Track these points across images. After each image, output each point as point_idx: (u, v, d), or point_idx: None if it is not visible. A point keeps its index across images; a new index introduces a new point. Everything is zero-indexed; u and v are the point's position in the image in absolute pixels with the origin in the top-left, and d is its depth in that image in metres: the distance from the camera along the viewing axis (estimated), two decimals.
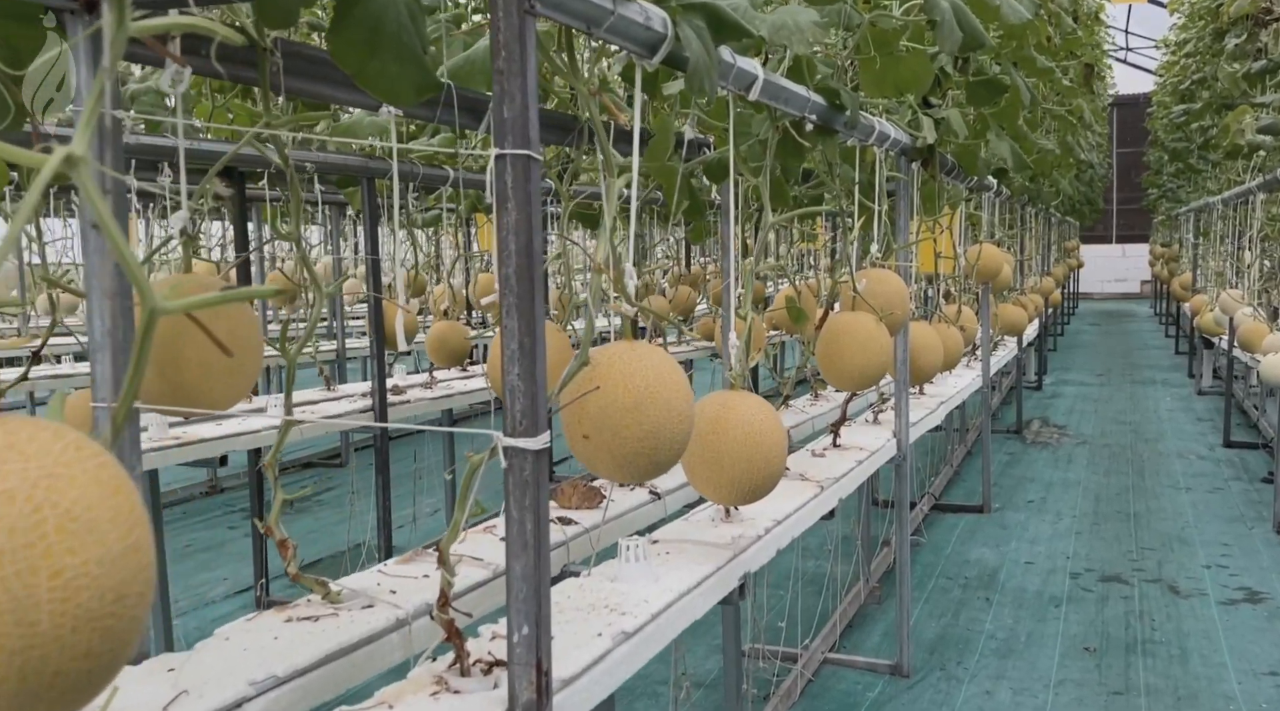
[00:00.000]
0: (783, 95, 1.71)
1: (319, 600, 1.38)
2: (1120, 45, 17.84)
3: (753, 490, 1.60)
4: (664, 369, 1.23)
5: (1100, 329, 14.51)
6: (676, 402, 1.22)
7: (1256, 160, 5.77)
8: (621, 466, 1.22)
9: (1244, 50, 6.38)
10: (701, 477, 1.61)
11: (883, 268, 2.56)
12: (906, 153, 2.80)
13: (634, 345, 1.23)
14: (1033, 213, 7.29)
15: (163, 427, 2.74)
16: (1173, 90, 9.71)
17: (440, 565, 1.13)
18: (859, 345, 2.33)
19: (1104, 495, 5.22)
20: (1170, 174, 11.54)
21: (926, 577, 3.97)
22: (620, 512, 2.00)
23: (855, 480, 2.50)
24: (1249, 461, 5.95)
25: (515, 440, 1.02)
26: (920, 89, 2.29)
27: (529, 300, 1.02)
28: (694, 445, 1.60)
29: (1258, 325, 5.24)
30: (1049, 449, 6.38)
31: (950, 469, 5.59)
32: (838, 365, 2.35)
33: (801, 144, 2.02)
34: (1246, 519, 4.74)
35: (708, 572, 1.60)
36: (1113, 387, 8.91)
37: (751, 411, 1.59)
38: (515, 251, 1.01)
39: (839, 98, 1.92)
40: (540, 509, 1.04)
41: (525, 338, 1.02)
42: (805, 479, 2.31)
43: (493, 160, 1.01)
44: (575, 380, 1.21)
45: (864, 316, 2.37)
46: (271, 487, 1.41)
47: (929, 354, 3.03)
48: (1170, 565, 4.10)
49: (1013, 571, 4.04)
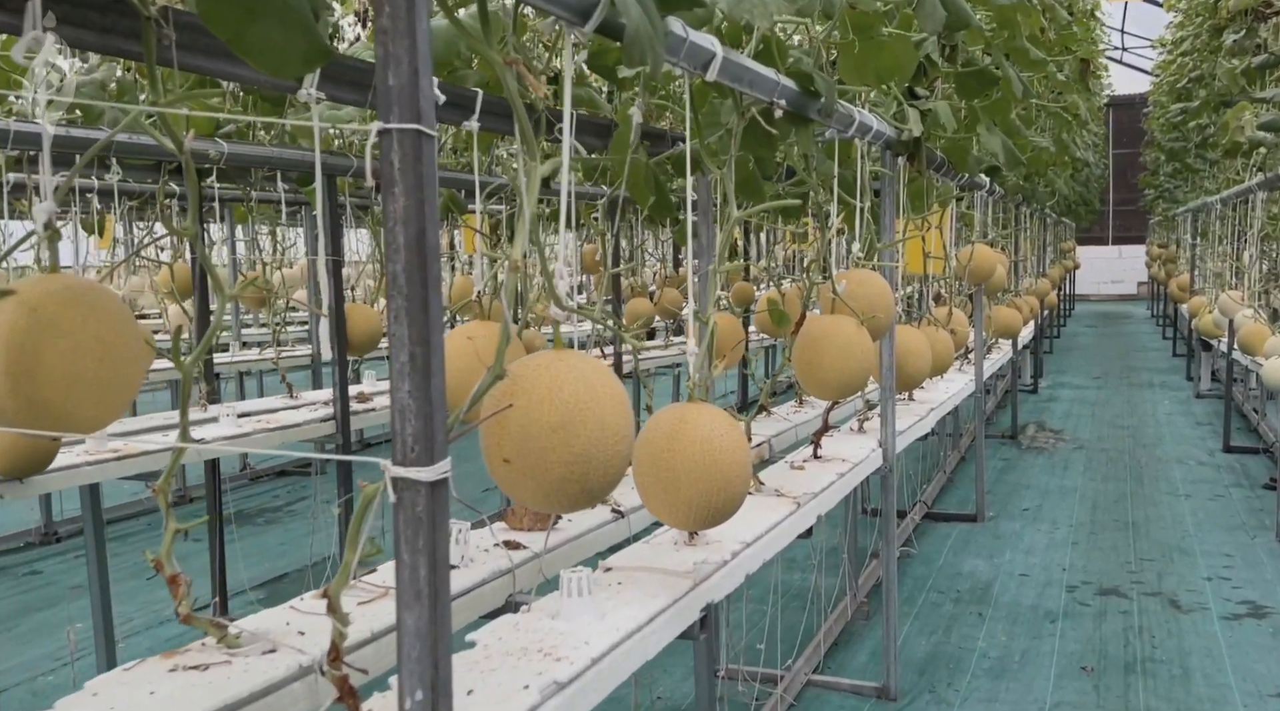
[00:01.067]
0: (747, 77, 1.55)
1: (214, 644, 1.21)
2: (1116, 45, 17.72)
3: (711, 514, 1.44)
4: (598, 381, 1.07)
5: (1097, 331, 14.37)
6: (612, 420, 1.06)
7: (1256, 158, 5.63)
8: (547, 494, 1.06)
9: (1243, 46, 6.24)
10: (656, 500, 1.45)
11: (865, 268, 2.40)
12: (891, 146, 2.64)
13: (562, 354, 1.07)
14: (1028, 213, 7.14)
15: (101, 439, 2.57)
16: (1169, 89, 9.57)
17: (330, 613, 0.97)
18: (838, 351, 2.17)
19: (1101, 502, 5.07)
20: (1167, 174, 11.40)
21: (917, 591, 3.81)
22: (577, 533, 1.84)
23: (836, 495, 2.34)
24: (1250, 467, 5.79)
25: (406, 470, 0.86)
26: (903, 77, 2.14)
27: (422, 302, 0.86)
28: (647, 464, 1.44)
29: (1258, 327, 5.08)
30: (1045, 454, 6.23)
31: (943, 475, 5.44)
32: (816, 372, 2.20)
33: (771, 133, 1.87)
34: (1248, 527, 4.59)
35: (663, 606, 1.44)
36: (1110, 390, 8.76)
37: (710, 426, 1.43)
38: (405, 245, 0.85)
39: (812, 83, 1.77)
40: (437, 551, 0.88)
41: (417, 347, 0.86)
42: (781, 495, 2.15)
43: (373, 136, 0.85)
44: (493, 397, 1.05)
45: (844, 320, 2.21)
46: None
47: (916, 359, 2.88)
48: (1170, 577, 3.95)
49: (1007, 584, 3.88)
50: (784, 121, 1.90)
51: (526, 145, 1.02)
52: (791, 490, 2.20)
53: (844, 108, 2.09)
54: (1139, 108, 15.67)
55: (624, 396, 1.09)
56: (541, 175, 1.02)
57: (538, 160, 1.02)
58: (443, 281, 4.56)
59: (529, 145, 1.02)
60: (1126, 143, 19.30)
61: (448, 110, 1.78)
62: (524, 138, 1.02)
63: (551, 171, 1.06)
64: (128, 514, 4.86)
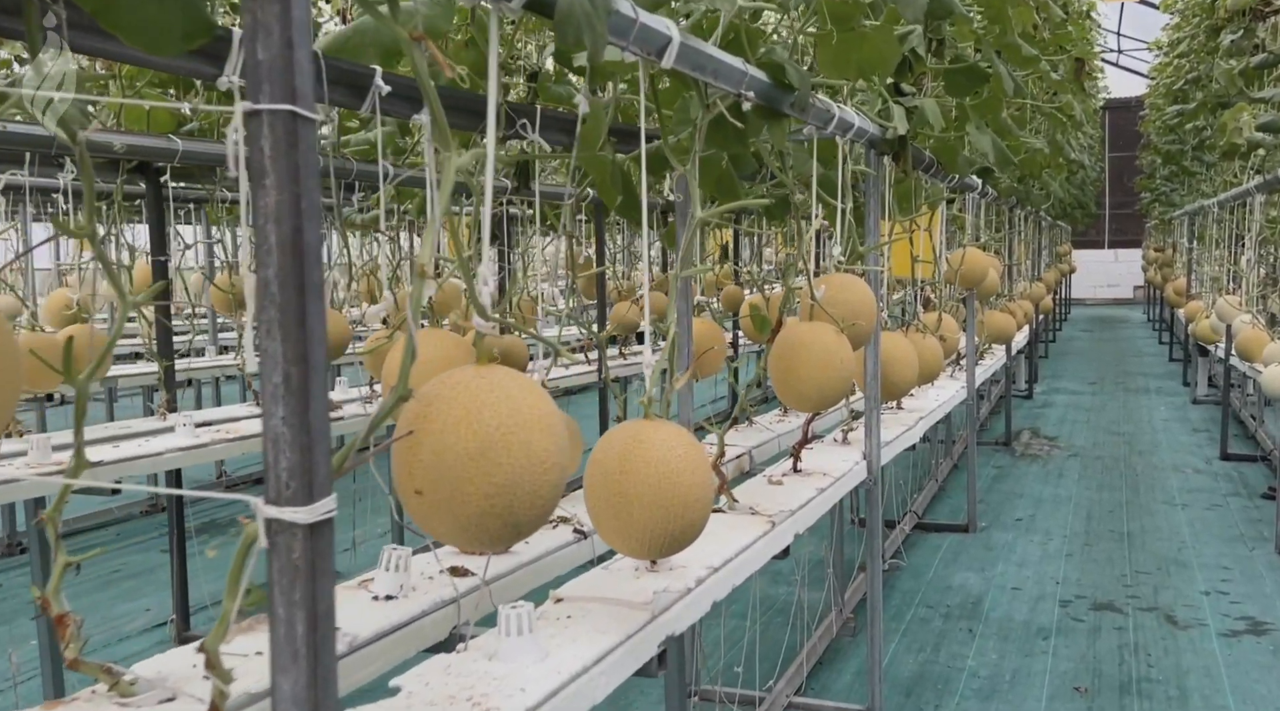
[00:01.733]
0: (710, 66, 1.43)
1: (106, 691, 1.09)
2: (1112, 48, 17.63)
3: (668, 542, 1.31)
4: (525, 401, 0.94)
5: (1093, 335, 14.26)
6: (541, 445, 0.94)
7: (1255, 160, 5.52)
8: (466, 530, 0.93)
9: (1240, 46, 6.13)
10: (608, 527, 1.33)
11: (848, 273, 2.28)
12: (875, 145, 2.52)
13: (484, 371, 0.95)
14: (1022, 216, 7.02)
15: (44, 450, 2.45)
16: (1166, 91, 9.47)
17: (209, 670, 0.84)
18: (816, 361, 2.05)
19: (1096, 512, 4.95)
20: (1164, 177, 11.29)
21: (905, 606, 3.69)
22: (534, 557, 1.71)
23: (814, 512, 2.22)
24: (1247, 475, 5.68)
25: (280, 510, 0.74)
26: (885, 71, 2.02)
27: (298, 314, 0.74)
28: (598, 488, 1.32)
29: (1256, 333, 4.97)
30: (1039, 462, 6.11)
31: (935, 484, 5.32)
32: (793, 383, 2.08)
33: (741, 129, 1.74)
34: (1247, 539, 4.47)
35: (615, 642, 1.31)
36: (1105, 396, 8.65)
37: (667, 447, 1.31)
38: (278, 245, 0.73)
39: (784, 74, 1.64)
40: (318, 604, 0.75)
41: (294, 367, 0.74)
42: (756, 513, 2.02)
43: (237, 117, 0.73)
44: (405, 420, 0.93)
45: (823, 328, 2.09)
46: None
47: (902, 367, 2.75)
48: (1167, 591, 3.83)
49: (998, 598, 3.76)
50: (755, 116, 1.77)
51: (439, 134, 0.90)
52: (767, 507, 2.07)
53: (821, 102, 1.97)
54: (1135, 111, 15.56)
55: (556, 418, 0.97)
56: (459, 168, 0.90)
57: (454, 152, 0.90)
58: None
59: (442, 134, 0.90)
60: (1123, 146, 19.21)
61: (395, 103, 1.66)
62: (436, 125, 0.89)
63: (473, 164, 0.94)
64: (96, 524, 4.72)
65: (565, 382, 5.11)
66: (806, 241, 2.01)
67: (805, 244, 2.01)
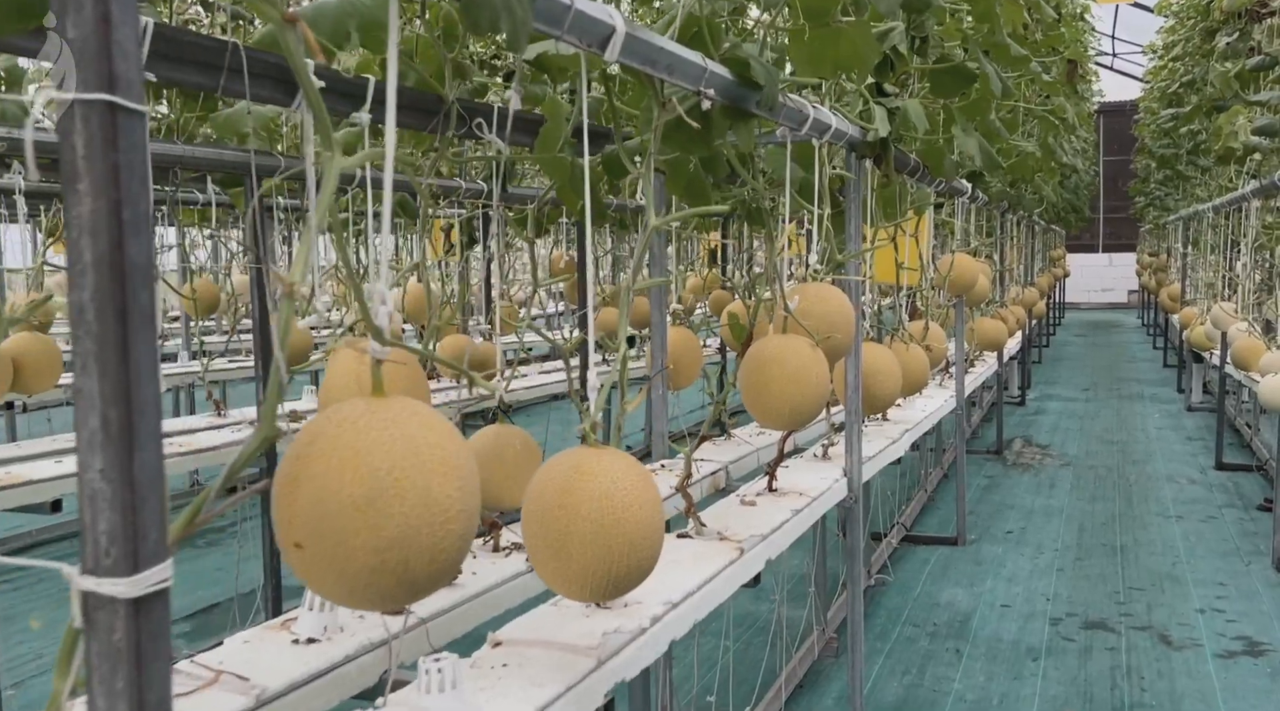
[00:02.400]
0: (664, 61, 1.31)
1: None
2: (1107, 51, 17.55)
3: (611, 585, 1.19)
4: (425, 439, 0.82)
5: (1087, 340, 14.17)
6: (442, 491, 0.81)
7: (1250, 165, 5.41)
8: (353, 590, 0.81)
9: (1236, 49, 6.03)
10: (546, 568, 1.20)
11: (824, 282, 2.16)
12: (855, 148, 2.40)
13: (377, 404, 0.83)
14: (1014, 220, 6.91)
15: None
16: (1160, 95, 9.38)
17: None
18: (789, 376, 1.93)
19: (1088, 525, 4.83)
20: (1158, 181, 11.20)
21: (891, 625, 3.57)
22: (480, 590, 1.59)
23: (788, 535, 2.09)
24: (1243, 486, 5.57)
25: (99, 582, 0.62)
26: (863, 69, 1.90)
27: (119, 346, 0.61)
28: (535, 524, 1.20)
29: (1253, 341, 4.86)
30: (1031, 472, 6.00)
31: (924, 494, 5.20)
32: (764, 400, 1.95)
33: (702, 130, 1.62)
34: (1242, 553, 4.36)
35: (553, 695, 1.19)
36: (1099, 403, 8.54)
37: (611, 479, 1.18)
38: (93, 263, 0.61)
39: (749, 69, 1.52)
40: (146, 695, 0.63)
41: (114, 409, 0.61)
42: (724, 538, 1.90)
43: (38, 107, 0.60)
44: (284, 463, 0.80)
45: (796, 340, 1.97)
46: None
47: (885, 379, 2.63)
48: (1161, 609, 3.71)
49: (987, 616, 3.64)
50: (720, 116, 1.65)
51: (320, 129, 0.78)
52: (737, 532, 1.95)
53: (794, 102, 1.85)
54: (1130, 114, 15.49)
55: (463, 458, 0.84)
56: (344, 169, 0.78)
57: (336, 150, 0.77)
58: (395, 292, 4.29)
59: (323, 131, 0.78)
60: (1118, 149, 19.15)
61: (337, 100, 1.54)
62: (317, 118, 0.77)
63: (361, 164, 0.81)
64: (59, 535, 4.58)
65: (548, 390, 4.98)
66: (778, 248, 1.89)
67: (777, 251, 1.89)
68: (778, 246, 1.88)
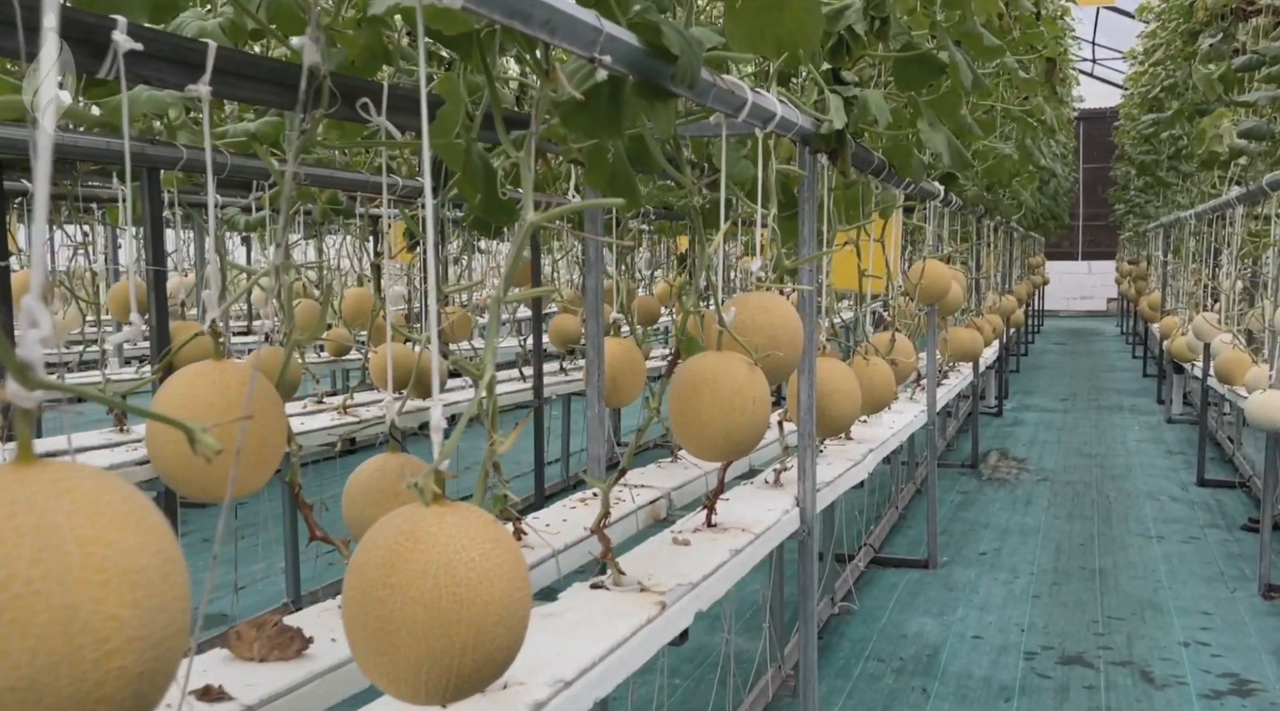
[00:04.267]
0: (540, 15, 1.05)
1: None
2: (1087, 57, 17.44)
3: (454, 685, 0.93)
4: (73, 533, 0.55)
5: (1065, 348, 14.00)
6: (100, 610, 0.55)
7: (1234, 171, 5.20)
8: None
9: (1219, 51, 5.83)
10: (369, 661, 0.94)
11: (768, 291, 1.90)
12: (808, 141, 2.15)
13: (10, 478, 0.56)
14: (990, 226, 6.69)
15: None
16: (1141, 100, 9.20)
17: None
18: (723, 400, 1.67)
19: (1066, 546, 4.60)
20: (1138, 188, 11.04)
21: (854, 659, 3.31)
22: (332, 664, 1.32)
23: (726, 580, 1.83)
24: (1225, 504, 5.35)
25: None
26: (809, 45, 1.64)
27: None
28: (355, 606, 0.93)
29: (1237, 354, 4.64)
30: (1006, 487, 5.76)
31: (895, 512, 4.95)
32: (694, 428, 1.70)
33: (616, 109, 1.37)
34: (1227, 578, 4.13)
35: None
36: (1077, 414, 8.33)
37: (455, 546, 0.92)
38: None
39: (660, 37, 1.26)
40: None
41: None
42: (646, 589, 1.64)
43: None
44: None
45: (732, 359, 1.71)
46: None
47: (841, 399, 2.38)
48: (1142, 641, 3.47)
49: (957, 650, 3.39)
50: (634, 94, 1.40)
51: None
52: (661, 580, 1.69)
53: (728, 83, 1.59)
54: (1110, 121, 15.36)
55: (148, 556, 0.58)
56: None
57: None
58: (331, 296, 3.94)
59: None
60: (1097, 157, 19.04)
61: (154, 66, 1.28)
62: None
63: None
64: None
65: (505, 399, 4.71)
66: (710, 252, 1.63)
67: (707, 256, 1.63)
68: (710, 250, 1.62)
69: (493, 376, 1.05)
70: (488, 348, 1.06)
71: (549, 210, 1.09)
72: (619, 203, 1.08)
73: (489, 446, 1.09)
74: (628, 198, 1.79)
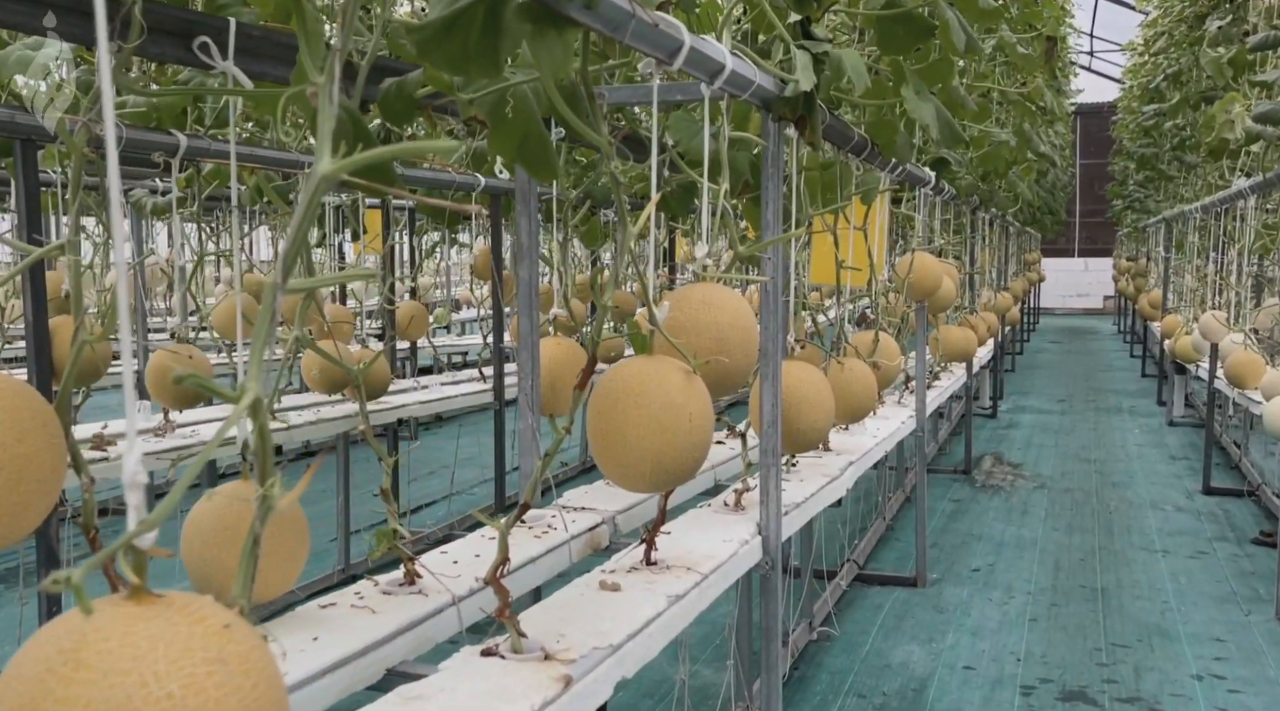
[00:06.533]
0: None
1: None
2: (1085, 50, 17.11)
3: None
4: None
5: (1062, 346, 13.69)
6: None
7: (1246, 160, 4.87)
8: None
9: (1228, 34, 5.50)
10: None
11: (715, 283, 1.57)
12: (770, 106, 1.81)
13: None
14: (986, 219, 6.37)
15: None
16: (1141, 92, 8.87)
17: None
18: (652, 418, 1.34)
19: (1065, 561, 4.28)
20: (1137, 182, 10.72)
21: (832, 694, 2.98)
22: None
23: (659, 637, 1.50)
24: (1234, 514, 5.03)
25: None
26: None
27: None
28: None
29: (1250, 356, 4.32)
30: (1002, 494, 5.44)
31: (882, 523, 4.63)
32: (617, 451, 1.36)
33: (494, 38, 1.03)
34: (1240, 599, 3.81)
35: None
36: (1075, 415, 8.01)
37: (137, 679, 0.58)
38: None
39: None
40: None
41: None
42: (551, 656, 1.30)
43: None
44: None
45: (664, 366, 1.38)
46: None
47: (810, 409, 2.05)
48: (1151, 674, 3.14)
49: (946, 683, 3.06)
50: (516, 18, 1.06)
51: None
52: (573, 642, 1.35)
53: (655, 17, 1.26)
54: (1107, 116, 15.05)
55: None
56: None
57: None
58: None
59: None
60: (1094, 152, 18.74)
61: None
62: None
63: None
64: None
65: (456, 403, 4.38)
66: (634, 233, 1.29)
67: (632, 241, 1.29)
68: (632, 233, 1.28)
69: (259, 400, 0.71)
70: (253, 357, 0.72)
71: (351, 158, 0.75)
72: (449, 147, 0.74)
73: (263, 492, 0.76)
74: (541, 167, 1.46)
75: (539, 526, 1.95)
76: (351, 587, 1.56)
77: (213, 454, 0.72)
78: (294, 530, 1.43)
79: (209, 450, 0.71)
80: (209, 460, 2.12)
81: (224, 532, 1.37)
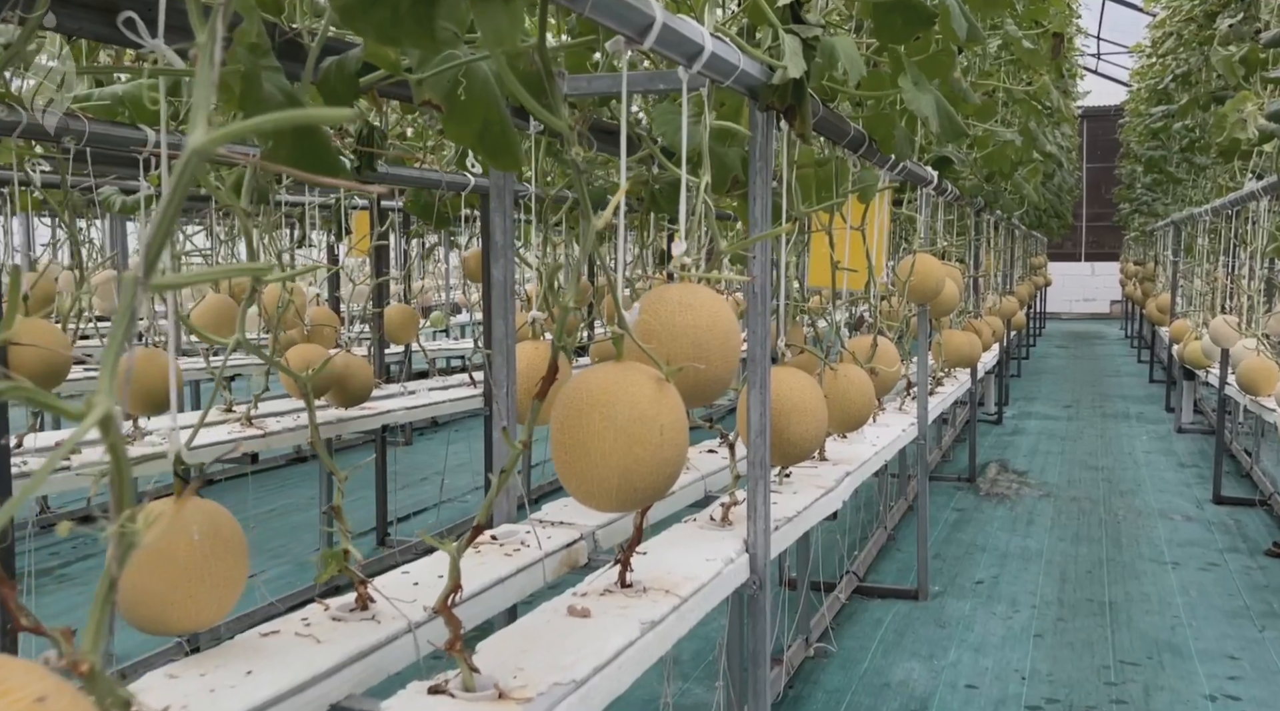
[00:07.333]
0: None
1: None
2: (1091, 53, 16.98)
3: None
4: None
5: (1068, 351, 13.54)
6: None
7: (1260, 160, 4.74)
8: None
9: (1240, 32, 5.38)
10: None
11: (696, 282, 1.45)
12: (756, 94, 1.69)
13: None
14: (991, 221, 6.24)
15: None
16: (1149, 94, 8.74)
17: None
18: (619, 430, 1.22)
19: (1071, 573, 4.14)
20: (1145, 185, 10.59)
21: None
22: None
23: (628, 670, 1.37)
24: (1245, 525, 4.90)
25: None
26: None
27: None
28: None
29: (1264, 362, 4.19)
30: (1006, 503, 5.30)
31: (884, 532, 4.50)
32: (581, 467, 1.24)
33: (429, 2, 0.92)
34: (1254, 614, 3.67)
35: None
36: (1082, 422, 7.87)
37: None
38: None
39: None
40: None
41: None
42: (504, 696, 1.18)
43: None
44: None
45: (633, 373, 1.26)
46: None
47: (802, 418, 1.93)
48: (1161, 694, 3.01)
49: (948, 702, 2.94)
50: None
51: None
52: (532, 677, 1.23)
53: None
54: (1114, 119, 14.92)
55: None
56: None
57: None
58: None
59: None
60: (1101, 156, 18.62)
61: None
62: None
63: None
64: None
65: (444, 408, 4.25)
66: (597, 228, 1.17)
67: (590, 233, 1.17)
68: (594, 229, 1.16)
69: (110, 415, 0.59)
70: (105, 364, 0.60)
71: (226, 128, 0.63)
72: (344, 116, 0.63)
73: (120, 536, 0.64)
74: (503, 156, 1.34)
75: (511, 543, 1.83)
76: (298, 613, 1.44)
77: (48, 478, 0.61)
78: (231, 552, 1.31)
79: (42, 474, 0.59)
80: None
81: (150, 556, 1.25)
